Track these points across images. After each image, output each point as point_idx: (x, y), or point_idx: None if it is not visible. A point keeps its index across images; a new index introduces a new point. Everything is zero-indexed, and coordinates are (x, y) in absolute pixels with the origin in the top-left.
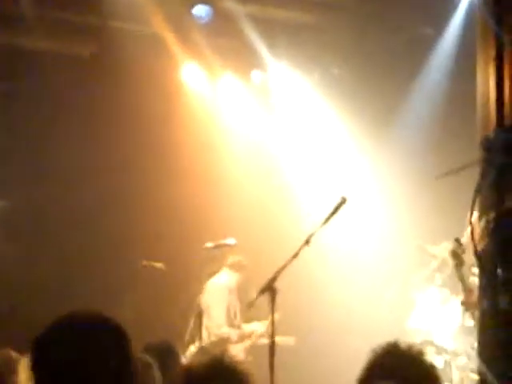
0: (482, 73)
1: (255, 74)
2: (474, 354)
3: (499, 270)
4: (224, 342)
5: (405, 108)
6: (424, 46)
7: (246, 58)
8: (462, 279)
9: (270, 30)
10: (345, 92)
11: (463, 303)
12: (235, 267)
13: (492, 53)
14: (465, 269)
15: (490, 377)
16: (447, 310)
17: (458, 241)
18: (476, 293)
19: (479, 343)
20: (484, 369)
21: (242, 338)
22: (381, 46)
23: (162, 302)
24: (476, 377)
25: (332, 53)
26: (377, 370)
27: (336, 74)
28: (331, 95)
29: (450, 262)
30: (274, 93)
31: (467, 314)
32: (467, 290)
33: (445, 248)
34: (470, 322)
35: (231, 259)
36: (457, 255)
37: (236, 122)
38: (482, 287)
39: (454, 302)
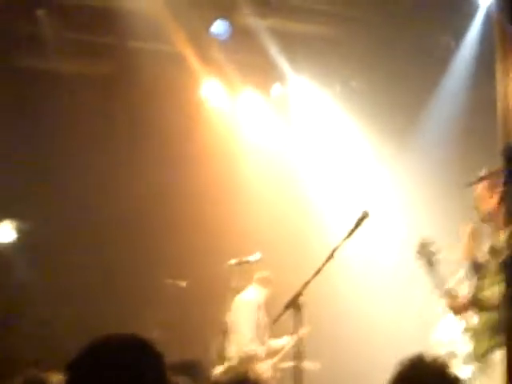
0: (502, 81)
1: (275, 87)
2: None
3: None
4: (252, 359)
5: (425, 118)
6: (443, 55)
7: (265, 73)
8: (434, 278)
9: (289, 43)
10: (364, 104)
11: (451, 308)
12: (263, 282)
13: (511, 60)
14: (438, 269)
15: None
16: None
17: (425, 239)
18: (460, 298)
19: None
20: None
21: (270, 355)
22: (399, 57)
23: (186, 320)
24: None
25: (351, 65)
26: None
27: (355, 86)
28: (350, 108)
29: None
30: (293, 106)
31: (457, 318)
32: (450, 295)
33: None
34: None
35: (259, 274)
36: (425, 253)
37: (256, 135)
38: (506, 298)
39: None
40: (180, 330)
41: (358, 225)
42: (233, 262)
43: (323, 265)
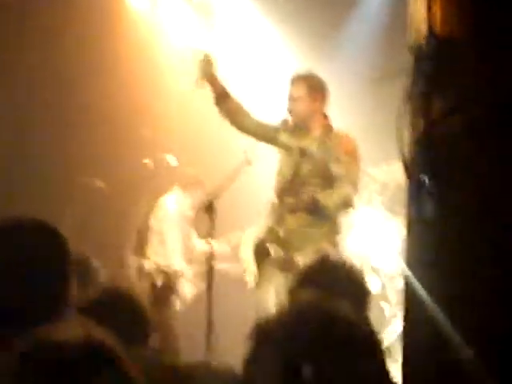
0: None
1: None
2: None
3: (426, 179)
4: (173, 276)
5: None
6: None
7: None
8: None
9: None
10: (286, 13)
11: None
12: (190, 186)
13: None
14: None
15: (417, 287)
16: (386, 233)
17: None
18: None
19: (406, 251)
20: (411, 279)
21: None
22: None
23: (103, 216)
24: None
25: None
26: (304, 278)
27: None
28: (275, 14)
29: (390, 184)
30: (216, 9)
31: None
32: None
33: (385, 171)
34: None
35: (183, 176)
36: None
37: (177, 38)
38: (409, 196)
39: (393, 224)
40: (95, 236)
41: (274, 133)
42: (147, 161)
43: (238, 169)
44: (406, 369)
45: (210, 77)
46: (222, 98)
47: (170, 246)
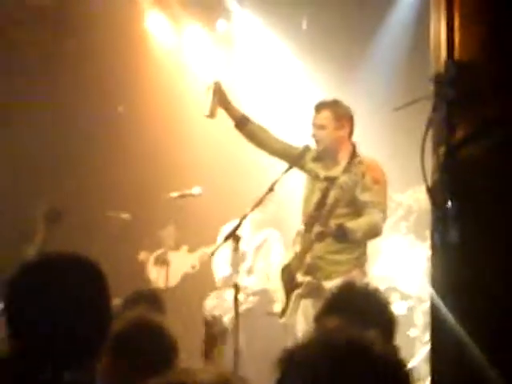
0: (435, 15)
1: (220, 23)
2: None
3: (450, 204)
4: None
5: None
6: None
7: (211, 7)
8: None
9: None
10: (311, 42)
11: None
12: None
13: None
14: None
15: (442, 310)
16: (412, 257)
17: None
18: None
19: (431, 278)
20: (437, 302)
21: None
22: None
23: (128, 251)
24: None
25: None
26: (331, 305)
27: (302, 22)
28: (297, 44)
29: (415, 209)
30: (239, 43)
31: None
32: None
33: (409, 196)
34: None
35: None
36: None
37: (201, 70)
38: (433, 221)
39: (418, 248)
40: (122, 259)
41: (298, 158)
42: (175, 194)
43: (263, 196)
44: None
45: (223, 104)
46: (242, 123)
47: None
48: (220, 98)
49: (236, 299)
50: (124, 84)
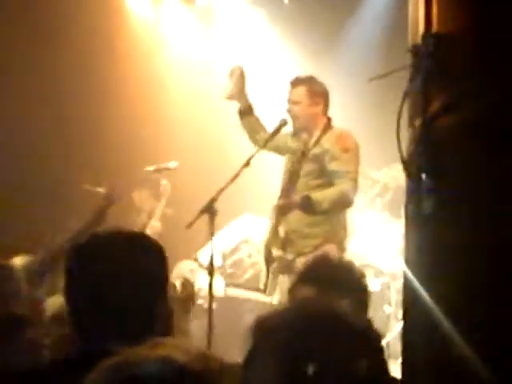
0: None
1: None
2: None
3: (424, 176)
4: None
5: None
6: None
7: None
8: None
9: None
10: (291, 17)
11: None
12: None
13: None
14: None
15: (413, 281)
16: (387, 234)
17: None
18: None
19: (405, 248)
20: (409, 273)
21: None
22: None
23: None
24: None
25: None
26: (304, 277)
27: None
28: (278, 20)
29: (391, 186)
30: (218, 16)
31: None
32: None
33: (386, 173)
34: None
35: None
36: None
37: (180, 46)
38: (408, 193)
39: (393, 225)
40: None
41: (275, 133)
42: (151, 168)
43: (239, 171)
44: (405, 367)
45: (240, 88)
46: (246, 112)
47: None
48: (240, 83)
49: (211, 275)
50: (101, 59)
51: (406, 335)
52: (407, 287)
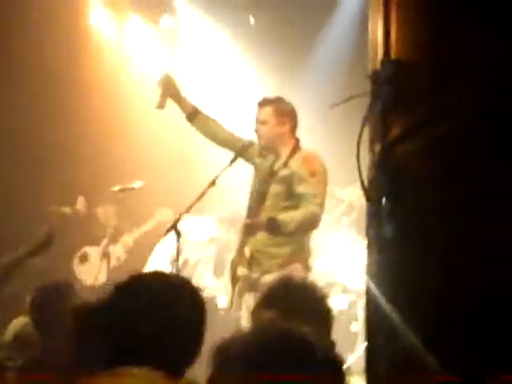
0: (373, 14)
1: (165, 18)
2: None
3: (384, 200)
4: None
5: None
6: None
7: (155, 3)
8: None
9: None
10: (256, 38)
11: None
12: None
13: None
14: None
15: (378, 300)
16: (354, 252)
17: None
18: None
19: (367, 270)
20: (372, 291)
21: None
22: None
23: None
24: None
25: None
26: (267, 299)
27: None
28: (243, 41)
29: (356, 205)
30: (183, 37)
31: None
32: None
33: (351, 192)
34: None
35: None
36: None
37: (145, 66)
38: (368, 217)
39: (360, 243)
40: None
41: (238, 154)
42: (116, 188)
43: (205, 190)
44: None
45: (173, 96)
46: (193, 115)
47: None
48: (170, 90)
49: None
50: (67, 78)
51: (369, 350)
52: (370, 306)
